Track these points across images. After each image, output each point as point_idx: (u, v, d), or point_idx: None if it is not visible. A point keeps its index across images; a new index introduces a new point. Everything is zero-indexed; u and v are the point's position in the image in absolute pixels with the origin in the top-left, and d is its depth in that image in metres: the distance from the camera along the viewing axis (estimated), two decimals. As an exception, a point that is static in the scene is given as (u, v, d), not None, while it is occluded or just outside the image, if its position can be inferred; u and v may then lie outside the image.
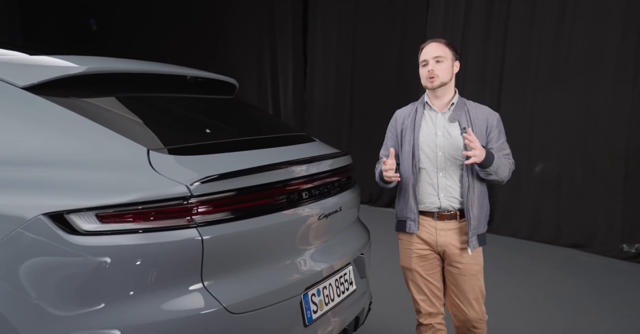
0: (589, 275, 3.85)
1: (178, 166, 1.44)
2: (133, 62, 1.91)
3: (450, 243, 2.04)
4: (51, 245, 1.25)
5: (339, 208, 1.88)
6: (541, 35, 4.53)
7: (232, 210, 1.45)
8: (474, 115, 2.03)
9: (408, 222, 2.08)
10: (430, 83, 2.01)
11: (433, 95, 2.06)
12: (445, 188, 2.01)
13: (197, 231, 1.35)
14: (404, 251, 2.16)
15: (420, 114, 2.08)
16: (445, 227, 2.04)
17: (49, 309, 1.25)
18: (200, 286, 1.37)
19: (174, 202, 1.34)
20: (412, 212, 2.06)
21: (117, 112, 1.60)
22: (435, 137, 2.02)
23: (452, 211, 2.03)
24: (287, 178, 1.64)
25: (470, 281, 2.05)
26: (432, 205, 2.04)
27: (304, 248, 1.70)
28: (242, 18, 7.73)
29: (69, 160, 1.37)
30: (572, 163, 4.42)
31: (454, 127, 2.02)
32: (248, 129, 2.06)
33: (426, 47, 2.06)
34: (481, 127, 2.02)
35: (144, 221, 1.32)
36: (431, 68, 2.00)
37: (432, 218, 2.05)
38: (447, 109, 2.04)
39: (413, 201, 2.05)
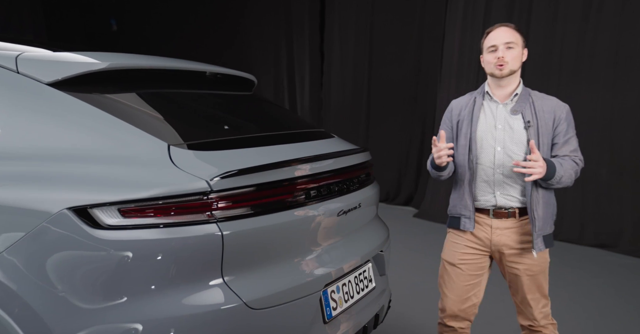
0: (616, 276, 3.75)
1: (198, 161, 1.44)
2: (153, 59, 1.92)
3: (507, 243, 1.91)
4: (75, 239, 1.27)
5: (358, 205, 1.87)
6: (565, 31, 4.42)
7: (251, 206, 1.44)
8: (539, 108, 1.86)
9: (462, 219, 1.95)
10: (499, 71, 1.85)
11: (496, 84, 1.91)
12: (502, 186, 1.88)
13: (217, 227, 1.35)
14: (451, 244, 2.03)
15: (478, 105, 1.94)
16: (501, 226, 1.91)
17: (74, 302, 1.26)
18: (221, 281, 1.37)
19: (194, 197, 1.34)
20: (468, 209, 1.93)
21: (138, 107, 1.61)
22: (495, 130, 1.88)
23: (510, 210, 1.90)
24: (306, 174, 1.63)
25: (529, 282, 1.93)
26: (488, 203, 1.91)
27: (323, 245, 1.69)
28: (259, 16, 7.75)
29: (92, 155, 1.38)
30: (597, 160, 4.30)
31: (516, 120, 1.86)
32: (267, 125, 2.06)
33: (495, 31, 1.89)
34: (547, 120, 1.85)
35: (164, 216, 1.32)
36: (501, 54, 1.83)
37: (488, 216, 1.92)
38: (510, 100, 1.89)
39: (469, 198, 1.92)
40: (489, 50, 1.89)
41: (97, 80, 1.60)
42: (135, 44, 9.01)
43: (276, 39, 7.70)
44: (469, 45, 5.18)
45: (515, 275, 1.94)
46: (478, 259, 1.98)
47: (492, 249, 1.95)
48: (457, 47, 5.28)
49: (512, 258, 1.93)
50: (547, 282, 1.98)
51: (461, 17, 5.20)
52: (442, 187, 5.54)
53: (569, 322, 2.94)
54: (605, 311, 3.13)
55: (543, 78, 4.59)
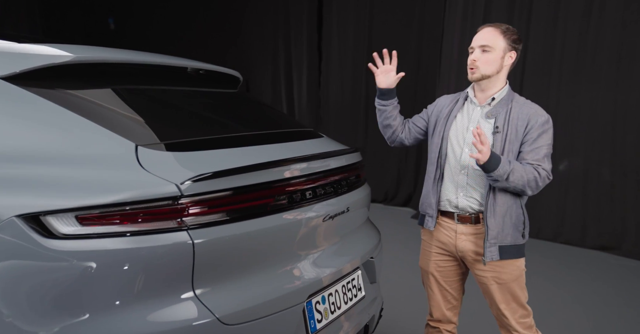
0: (618, 279, 3.64)
1: (170, 163, 1.32)
2: (129, 53, 1.80)
3: (470, 249, 1.86)
4: (24, 250, 1.14)
5: (347, 209, 1.75)
6: (566, 29, 4.30)
7: (227, 211, 1.32)
8: (515, 115, 1.78)
9: (427, 218, 1.94)
10: (470, 75, 1.83)
11: (478, 87, 1.88)
12: (465, 188, 1.84)
13: (188, 235, 1.23)
14: (423, 251, 2.02)
15: (459, 106, 1.91)
16: (465, 231, 1.86)
17: (20, 325, 1.13)
18: (191, 294, 1.25)
19: (162, 203, 1.22)
20: (432, 208, 1.91)
21: (106, 105, 1.48)
22: (466, 131, 1.85)
23: (473, 214, 1.84)
24: (290, 177, 1.51)
25: (500, 291, 1.84)
26: (450, 203, 1.87)
27: (307, 252, 1.57)
28: (257, 15, 7.64)
29: (49, 156, 1.26)
30: (599, 160, 4.18)
31: (488, 124, 1.82)
32: (251, 124, 1.94)
33: (478, 33, 1.86)
34: (519, 127, 1.77)
35: (129, 224, 1.20)
36: (473, 57, 1.81)
37: (453, 221, 1.88)
38: (487, 104, 1.85)
39: (433, 197, 1.90)
40: (469, 52, 1.86)
41: (65, 75, 1.48)
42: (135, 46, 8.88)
43: (274, 36, 7.58)
44: (468, 44, 5.03)
45: (484, 284, 1.88)
46: (451, 266, 1.95)
47: (458, 255, 1.91)
48: (456, 46, 5.16)
49: (477, 265, 1.86)
50: (524, 291, 1.89)
51: (460, 16, 5.08)
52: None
53: (571, 325, 2.82)
54: (607, 315, 3.01)
55: (544, 77, 4.47)
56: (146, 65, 1.78)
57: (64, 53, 1.46)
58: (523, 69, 4.63)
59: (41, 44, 1.53)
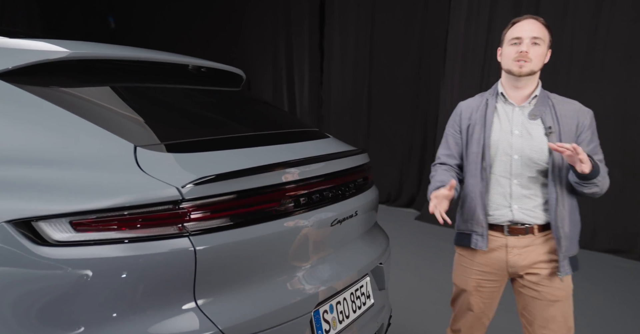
0: (629, 282, 3.55)
1: (170, 165, 1.24)
2: (127, 49, 1.73)
3: (525, 264, 1.68)
4: (15, 257, 1.07)
5: (355, 213, 1.67)
6: (575, 25, 4.22)
7: (230, 216, 1.25)
8: (560, 112, 1.65)
9: (474, 237, 1.71)
10: (518, 68, 1.62)
11: (512, 84, 1.69)
12: (520, 199, 1.66)
13: (190, 241, 1.16)
14: (461, 268, 1.82)
15: (492, 108, 1.71)
16: (518, 244, 1.68)
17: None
18: (193, 305, 1.17)
19: (163, 207, 1.15)
20: (480, 225, 1.70)
21: (103, 104, 1.41)
22: (511, 136, 1.66)
23: (527, 225, 1.67)
24: (296, 179, 1.44)
25: (550, 308, 1.68)
26: (503, 217, 1.68)
27: (314, 259, 1.49)
28: (258, 12, 7.57)
29: (42, 157, 1.18)
30: (609, 161, 4.07)
31: (535, 125, 1.65)
32: (254, 124, 1.86)
33: (522, 23, 1.65)
34: (570, 126, 1.64)
35: (126, 230, 1.13)
36: (525, 49, 1.60)
37: (502, 233, 1.69)
38: (527, 103, 1.68)
39: (481, 213, 1.69)
40: (511, 42, 1.65)
41: (60, 71, 1.41)
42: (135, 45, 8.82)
43: (275, 35, 7.51)
44: (473, 42, 4.98)
45: (534, 299, 1.69)
46: (492, 283, 1.76)
47: (508, 271, 1.72)
48: (461, 43, 5.08)
49: (534, 278, 1.69)
50: (572, 313, 1.73)
51: (466, 12, 5.00)
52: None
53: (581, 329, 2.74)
54: (618, 319, 2.93)
55: (552, 75, 4.37)
56: (145, 62, 1.71)
57: (59, 49, 1.39)
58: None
59: (35, 40, 1.46)
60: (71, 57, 1.39)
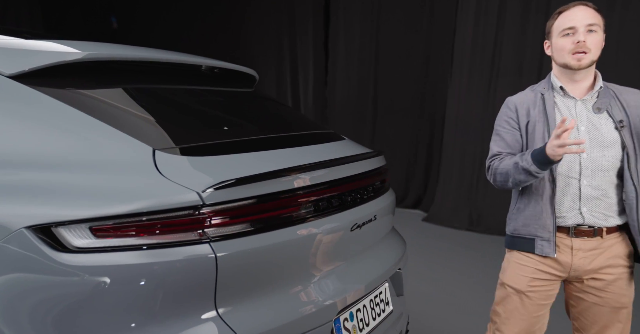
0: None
1: (189, 169, 1.21)
2: (141, 50, 1.70)
3: (591, 267, 1.56)
4: (35, 264, 1.04)
5: (374, 217, 1.64)
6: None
7: (251, 222, 1.22)
8: (627, 103, 1.53)
9: (539, 242, 1.58)
10: (576, 62, 1.50)
11: (569, 78, 1.56)
12: (591, 201, 1.53)
13: (210, 247, 1.13)
14: (516, 266, 1.66)
15: (550, 102, 1.58)
16: (584, 247, 1.55)
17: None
18: (214, 314, 1.14)
19: (183, 212, 1.12)
20: (547, 230, 1.56)
21: (120, 105, 1.38)
22: (577, 132, 1.53)
23: (595, 227, 1.54)
24: (315, 183, 1.40)
25: (612, 315, 1.58)
26: (570, 220, 1.56)
27: (334, 265, 1.46)
28: (261, 12, 7.53)
29: (60, 162, 1.15)
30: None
31: (603, 120, 1.53)
32: (270, 126, 1.83)
33: (573, 10, 1.53)
34: (638, 117, 1.53)
35: (147, 236, 1.10)
36: (582, 38, 1.47)
37: (567, 235, 1.57)
38: (589, 96, 1.56)
39: (548, 217, 1.55)
40: (562, 34, 1.53)
41: (74, 73, 1.38)
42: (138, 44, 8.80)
43: (279, 36, 7.48)
44: (482, 39, 4.93)
45: (595, 305, 1.59)
46: (549, 285, 1.63)
47: (570, 275, 1.60)
48: (469, 41, 5.03)
49: (597, 284, 1.58)
50: (631, 319, 1.63)
51: (474, 9, 4.95)
52: (453, 190, 5.31)
53: None
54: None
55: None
56: (159, 63, 1.68)
57: (75, 50, 1.36)
58: (541, 66, 4.51)
59: (50, 41, 1.43)
60: (87, 59, 1.36)
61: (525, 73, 4.61)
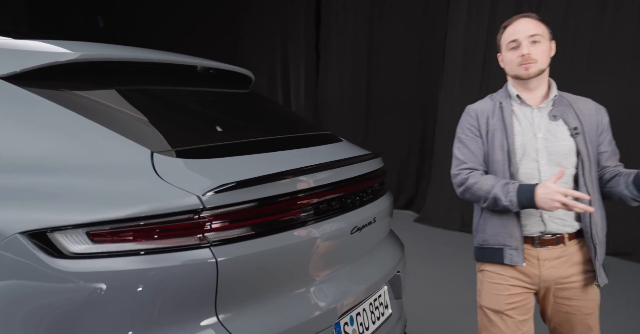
0: (633, 286, 3.54)
1: (188, 172, 1.19)
2: (136, 50, 1.67)
3: (559, 276, 1.58)
4: (30, 270, 1.01)
5: (373, 219, 1.62)
6: (578, 23, 4.18)
7: (252, 225, 1.20)
8: (580, 111, 1.58)
9: (507, 251, 1.58)
10: (525, 71, 1.55)
11: (524, 87, 1.61)
12: None
13: (211, 252, 1.10)
14: (490, 286, 1.65)
15: (508, 111, 1.61)
16: (550, 256, 1.57)
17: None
18: (214, 320, 1.12)
19: (183, 216, 1.09)
20: (515, 238, 1.57)
21: (116, 107, 1.35)
22: (535, 139, 1.57)
23: (558, 235, 1.57)
24: (316, 186, 1.39)
25: (586, 321, 1.62)
26: (535, 228, 1.58)
27: (335, 269, 1.44)
28: (253, 11, 7.49)
29: (56, 165, 1.12)
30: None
31: (559, 127, 1.57)
32: (267, 127, 1.81)
33: (514, 24, 1.58)
34: (591, 125, 1.57)
35: (146, 241, 1.07)
36: (526, 51, 1.53)
37: (532, 245, 1.59)
38: (545, 104, 1.61)
39: (515, 225, 1.56)
40: (509, 47, 1.59)
41: (68, 74, 1.34)
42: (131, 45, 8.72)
43: (270, 36, 7.44)
44: (473, 40, 4.95)
45: (570, 315, 1.62)
46: (525, 299, 1.64)
47: (540, 286, 1.62)
48: (461, 42, 5.05)
49: (567, 293, 1.61)
50: None
51: (465, 12, 4.97)
52: (445, 190, 5.33)
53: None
54: (621, 323, 2.91)
55: (554, 75, 4.35)
56: (153, 63, 1.65)
57: (68, 51, 1.32)
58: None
59: (42, 41, 1.39)
60: (82, 59, 1.33)
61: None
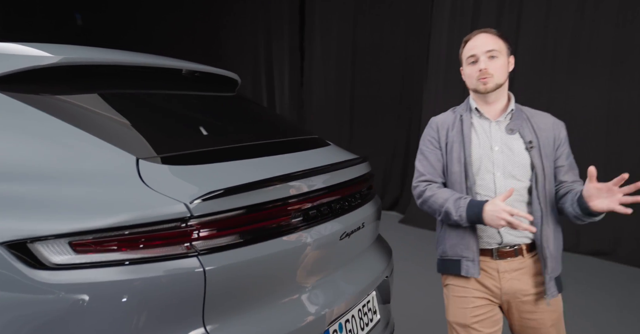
0: (613, 286, 3.61)
1: (174, 179, 1.16)
2: (119, 53, 1.64)
3: (519, 288, 1.58)
4: (10, 283, 0.97)
5: (362, 225, 1.62)
6: (558, 26, 4.24)
7: (240, 233, 1.18)
8: (537, 125, 1.61)
9: (464, 263, 1.59)
10: (482, 86, 1.58)
11: (483, 100, 1.64)
12: None
13: (199, 261, 1.08)
14: (455, 300, 1.65)
15: (468, 124, 1.64)
16: (509, 268, 1.58)
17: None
18: (202, 331, 1.09)
19: (170, 225, 1.07)
20: (471, 250, 1.58)
21: (99, 112, 1.31)
22: (492, 152, 1.59)
23: (516, 246, 1.59)
24: (305, 192, 1.37)
25: (551, 333, 1.61)
26: (492, 240, 1.59)
27: (323, 275, 1.43)
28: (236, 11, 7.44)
29: (37, 172, 1.09)
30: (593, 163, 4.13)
31: (515, 140, 1.59)
32: (255, 132, 1.78)
33: (473, 39, 1.63)
34: (548, 139, 1.59)
35: (131, 250, 1.04)
36: (484, 66, 1.57)
37: (491, 257, 1.59)
38: (503, 117, 1.63)
39: (471, 236, 1.58)
40: (468, 62, 1.64)
41: (49, 78, 1.31)
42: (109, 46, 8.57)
43: (254, 35, 7.40)
44: (456, 43, 4.96)
45: (535, 329, 1.61)
46: (490, 311, 1.63)
47: (503, 299, 1.61)
48: (444, 44, 5.09)
49: (528, 307, 1.60)
50: None
51: (449, 13, 5.00)
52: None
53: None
54: (601, 324, 2.96)
55: (535, 78, 4.43)
56: (137, 67, 1.62)
57: (49, 54, 1.29)
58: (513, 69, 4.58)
59: (21, 44, 1.35)
60: (63, 63, 1.29)
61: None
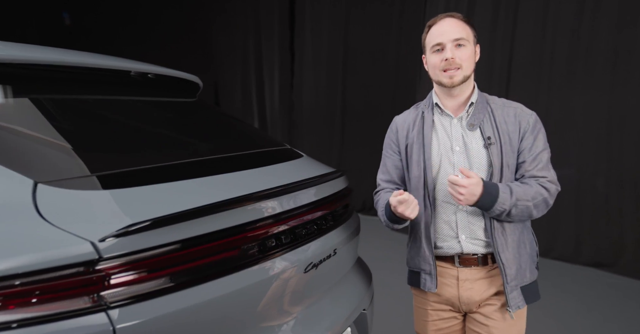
0: (614, 298, 3.39)
1: (84, 208, 0.92)
2: (54, 51, 1.39)
3: (481, 298, 1.45)
4: None
5: (333, 252, 1.38)
6: (556, 28, 4.05)
7: (171, 275, 0.94)
8: (500, 118, 1.41)
9: (422, 276, 1.48)
10: (448, 79, 1.39)
11: (446, 93, 1.45)
12: (468, 227, 1.42)
13: (107, 317, 0.84)
14: (418, 312, 1.58)
15: (429, 122, 1.47)
16: (471, 276, 1.44)
17: None
18: None
19: (70, 271, 0.83)
20: (427, 262, 1.46)
21: (5, 124, 1.07)
22: (452, 153, 1.43)
23: (479, 255, 1.43)
24: (263, 217, 1.14)
25: None
26: (451, 250, 1.45)
27: (287, 318, 1.19)
28: (225, 12, 7.23)
29: None
30: (594, 170, 3.93)
31: (474, 138, 1.41)
32: (214, 144, 1.55)
33: (439, 25, 1.42)
34: (511, 133, 1.40)
35: (20, 308, 0.80)
36: (451, 55, 1.37)
37: (453, 265, 1.46)
38: (465, 112, 1.44)
39: (427, 247, 1.45)
40: (433, 50, 1.42)
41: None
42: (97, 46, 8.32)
43: (243, 37, 7.19)
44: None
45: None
46: (450, 322, 1.51)
47: (461, 309, 1.48)
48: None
49: (484, 311, 1.45)
50: None
51: (443, 11, 4.80)
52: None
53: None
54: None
55: (532, 82, 4.22)
56: (77, 68, 1.37)
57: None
58: (509, 72, 4.38)
59: None
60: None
61: (494, 76, 4.47)
